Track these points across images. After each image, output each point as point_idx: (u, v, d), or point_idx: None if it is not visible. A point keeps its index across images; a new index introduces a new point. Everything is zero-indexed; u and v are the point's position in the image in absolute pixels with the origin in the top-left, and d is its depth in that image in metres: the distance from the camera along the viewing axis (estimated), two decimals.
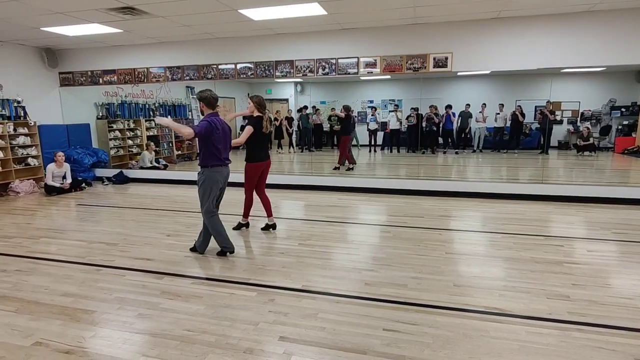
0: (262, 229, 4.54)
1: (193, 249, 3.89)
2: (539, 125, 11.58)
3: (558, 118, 11.85)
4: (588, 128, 10.83)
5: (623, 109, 11.21)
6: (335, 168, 8.27)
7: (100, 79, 7.68)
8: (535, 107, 11.69)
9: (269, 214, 4.52)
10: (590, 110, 11.71)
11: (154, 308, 2.79)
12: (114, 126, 8.89)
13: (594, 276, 3.20)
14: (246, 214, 4.57)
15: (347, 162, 8.32)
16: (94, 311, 2.76)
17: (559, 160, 10.19)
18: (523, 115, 10.80)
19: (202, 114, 3.67)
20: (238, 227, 4.59)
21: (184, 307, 2.80)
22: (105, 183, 7.82)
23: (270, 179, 7.17)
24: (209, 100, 3.59)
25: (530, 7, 5.26)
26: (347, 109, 8.29)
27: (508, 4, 5.05)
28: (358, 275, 3.29)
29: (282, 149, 11.83)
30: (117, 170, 8.01)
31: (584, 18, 5.46)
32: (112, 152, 8.79)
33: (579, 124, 11.72)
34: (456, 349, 2.26)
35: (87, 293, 3.04)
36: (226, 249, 3.75)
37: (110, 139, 8.74)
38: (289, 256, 3.74)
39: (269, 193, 4.63)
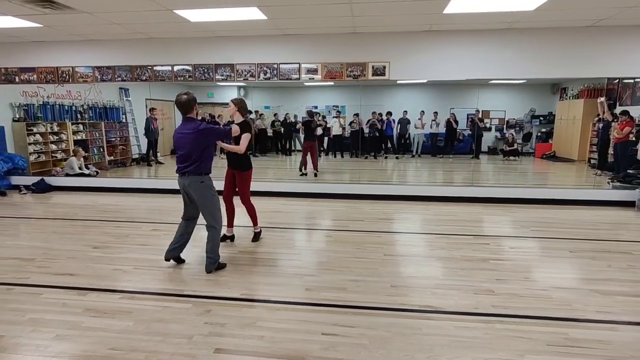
0: (252, 240, 4.29)
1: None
2: (470, 132, 12.46)
3: (487, 125, 12.84)
4: (512, 135, 11.85)
5: (541, 118, 12.42)
6: (315, 174, 8.17)
7: (17, 77, 6.95)
8: (467, 115, 12.56)
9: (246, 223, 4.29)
10: (514, 119, 12.82)
11: (75, 328, 2.56)
12: (35, 129, 8.08)
13: (515, 271, 3.48)
14: (230, 224, 4.29)
15: (303, 167, 8.29)
16: (1, 336, 2.46)
17: (488, 165, 11.02)
18: (456, 122, 11.55)
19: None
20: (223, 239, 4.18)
21: (110, 325, 2.59)
22: (23, 192, 7.07)
23: None
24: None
25: (458, 23, 5.65)
26: (310, 114, 8.35)
27: (438, 18, 5.38)
28: (299, 281, 3.28)
29: (223, 154, 11.52)
30: (38, 178, 7.28)
31: (506, 34, 5.97)
32: (32, 157, 7.97)
33: (505, 131, 12.77)
34: (391, 349, 2.32)
35: None
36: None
37: (30, 144, 7.92)
38: (229, 264, 3.63)
39: None
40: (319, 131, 9.93)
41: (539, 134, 12.42)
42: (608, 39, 5.76)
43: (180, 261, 3.65)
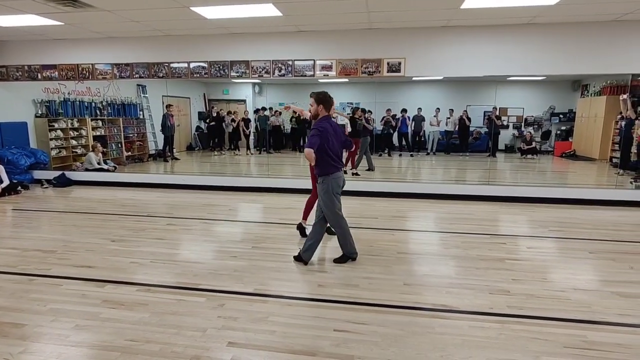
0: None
1: (298, 258, 3.58)
2: (487, 130, 12.24)
3: (505, 123, 12.58)
4: (530, 133, 11.59)
5: (561, 115, 12.11)
6: (354, 174, 8.09)
7: (39, 75, 7.13)
8: (484, 112, 12.34)
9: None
10: (532, 116, 12.53)
11: (94, 318, 2.62)
12: (56, 125, 8.29)
13: (532, 271, 3.41)
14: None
15: (351, 165, 8.22)
16: (24, 325, 2.54)
17: (505, 163, 10.82)
18: (469, 119, 11.36)
19: (316, 118, 3.51)
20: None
21: (127, 316, 2.65)
22: (45, 186, 7.27)
23: (225, 181, 7.07)
24: (323, 101, 3.43)
25: (476, 18, 5.54)
26: (353, 110, 8.35)
27: (456, 14, 5.29)
28: (311, 277, 3.29)
29: (239, 150, 11.63)
30: (59, 172, 7.48)
31: (525, 30, 5.83)
32: (54, 152, 8.19)
33: (523, 128, 12.50)
34: (403, 346, 2.31)
35: (17, 305, 2.80)
36: (351, 255, 3.60)
37: (51, 139, 8.14)
38: (242, 259, 3.66)
39: (225, 195, 4.53)
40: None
41: (558, 132, 12.12)
42: (632, 34, 5.57)
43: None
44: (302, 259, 3.52)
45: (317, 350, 2.26)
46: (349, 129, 8.43)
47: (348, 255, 3.59)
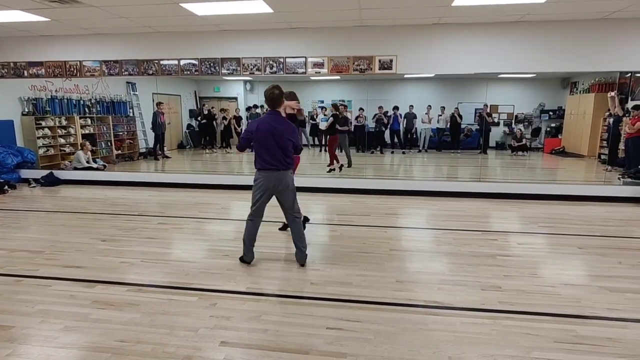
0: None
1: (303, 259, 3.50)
2: (478, 127, 12.33)
3: (496, 120, 12.68)
4: (521, 130, 11.70)
5: (551, 113, 12.25)
6: (330, 170, 7.92)
7: (25, 72, 6.99)
8: (475, 109, 12.42)
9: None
10: (523, 113, 12.65)
11: (83, 319, 2.58)
12: (43, 123, 8.15)
13: (523, 267, 3.44)
14: None
15: (334, 162, 8.06)
16: (11, 327, 2.50)
17: (496, 160, 10.91)
18: (460, 117, 11.44)
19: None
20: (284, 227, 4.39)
21: (117, 317, 2.61)
22: (33, 185, 7.15)
23: (217, 179, 7.02)
24: (265, 98, 3.33)
25: (467, 15, 5.56)
26: (335, 107, 8.17)
27: (447, 11, 5.30)
28: (304, 275, 3.28)
29: (230, 148, 11.56)
30: (47, 171, 7.35)
31: (516, 27, 5.87)
32: (41, 151, 8.04)
33: (513, 126, 12.61)
34: (396, 343, 2.31)
35: (4, 307, 2.75)
36: (243, 257, 3.51)
37: (39, 137, 7.99)
38: (234, 258, 3.63)
39: (217, 193, 4.49)
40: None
41: (548, 129, 12.25)
42: (620, 32, 5.64)
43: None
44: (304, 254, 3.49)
45: (310, 349, 2.26)
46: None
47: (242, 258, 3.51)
